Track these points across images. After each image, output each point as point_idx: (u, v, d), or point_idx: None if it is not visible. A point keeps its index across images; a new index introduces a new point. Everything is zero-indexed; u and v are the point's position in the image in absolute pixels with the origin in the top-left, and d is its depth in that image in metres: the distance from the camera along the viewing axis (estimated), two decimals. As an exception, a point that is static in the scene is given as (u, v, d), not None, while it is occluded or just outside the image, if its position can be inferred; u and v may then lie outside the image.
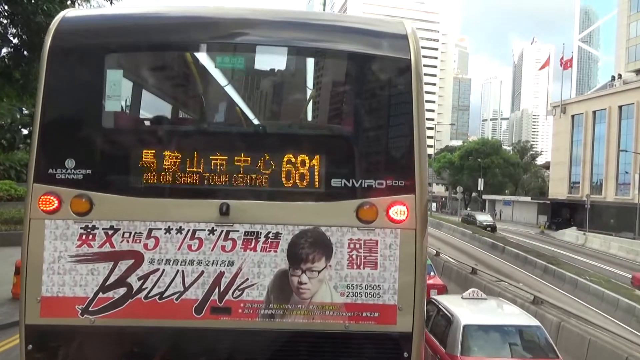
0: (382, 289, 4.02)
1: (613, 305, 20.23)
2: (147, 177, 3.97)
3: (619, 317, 18.87)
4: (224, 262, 3.97)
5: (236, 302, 3.96)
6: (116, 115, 4.26)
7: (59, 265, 3.92)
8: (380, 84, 4.20)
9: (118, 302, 3.92)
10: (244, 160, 4.00)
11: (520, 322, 8.73)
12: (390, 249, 4.04)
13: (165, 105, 4.89)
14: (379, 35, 4.33)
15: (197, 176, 3.98)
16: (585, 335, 10.48)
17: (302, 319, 3.97)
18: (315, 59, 4.61)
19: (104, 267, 3.92)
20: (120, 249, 3.93)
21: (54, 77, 4.03)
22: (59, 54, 4.05)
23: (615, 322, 16.66)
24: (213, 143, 4.15)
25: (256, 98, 4.97)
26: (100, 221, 3.94)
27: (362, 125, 4.19)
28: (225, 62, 4.40)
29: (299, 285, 3.98)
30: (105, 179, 3.97)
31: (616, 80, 63.55)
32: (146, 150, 3.99)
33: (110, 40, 4.21)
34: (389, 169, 4.11)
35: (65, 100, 4.05)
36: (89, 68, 4.06)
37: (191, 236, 3.95)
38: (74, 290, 3.92)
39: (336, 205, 4.03)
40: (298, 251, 3.99)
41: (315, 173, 4.00)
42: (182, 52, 4.43)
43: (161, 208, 3.97)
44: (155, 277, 3.94)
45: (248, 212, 3.98)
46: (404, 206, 4.04)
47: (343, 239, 4.01)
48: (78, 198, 3.92)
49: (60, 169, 3.93)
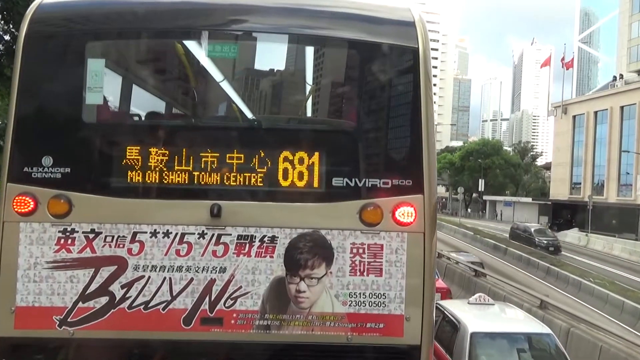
0: (387, 297, 3.83)
1: (618, 308, 20.27)
2: (132, 176, 3.76)
3: (624, 320, 18.87)
4: (215, 269, 3.77)
5: (228, 312, 3.76)
6: (98, 108, 4.02)
7: (35, 272, 3.73)
8: (385, 74, 3.99)
9: (99, 313, 3.73)
10: (237, 157, 3.80)
11: (529, 330, 8.64)
12: (397, 254, 3.84)
13: (152, 98, 4.64)
14: (384, 22, 4.09)
15: (186, 175, 3.77)
16: (596, 342, 10.26)
17: (301, 331, 3.79)
18: (315, 47, 4.39)
19: (84, 274, 3.73)
20: (102, 254, 3.75)
21: (30, 68, 3.81)
22: (35, 43, 3.82)
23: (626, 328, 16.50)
24: (204, 139, 3.94)
25: (251, 90, 4.71)
26: (80, 224, 3.74)
27: (365, 120, 3.99)
28: (217, 50, 4.15)
29: (297, 294, 3.78)
30: (86, 178, 3.78)
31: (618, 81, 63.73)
32: (131, 147, 3.77)
33: (91, 26, 3.99)
34: (395, 167, 3.92)
35: (42, 92, 3.84)
36: (68, 57, 3.86)
37: (179, 240, 3.76)
38: (51, 299, 3.72)
39: (337, 207, 3.83)
40: (296, 256, 3.79)
41: (314, 171, 3.80)
42: (171, 40, 4.19)
43: (147, 210, 3.78)
44: (140, 285, 3.74)
45: (241, 214, 3.78)
46: (412, 207, 3.83)
47: (345, 243, 3.81)
48: (56, 199, 3.72)
49: (37, 167, 3.73)
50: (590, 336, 10.75)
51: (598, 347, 10.19)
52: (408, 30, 3.94)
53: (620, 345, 10.06)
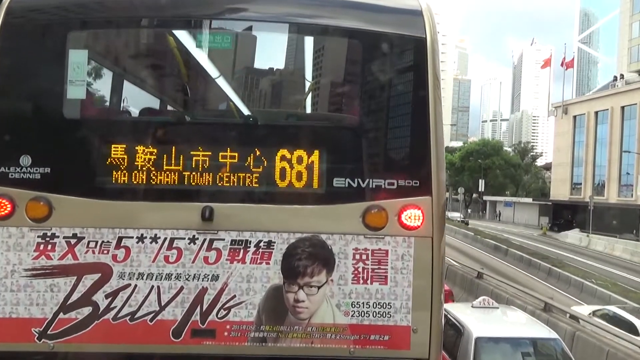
0: (393, 307, 3.62)
1: None
2: (117, 176, 3.55)
3: None
4: (207, 277, 3.56)
5: (221, 324, 3.56)
6: (81, 103, 3.79)
7: (12, 280, 3.51)
8: (391, 67, 3.78)
9: (82, 324, 3.52)
10: (230, 156, 3.58)
11: (535, 334, 8.52)
12: (403, 260, 3.63)
13: (139, 93, 4.43)
14: (389, 10, 3.89)
15: (176, 175, 3.55)
16: (603, 347, 10.03)
17: (299, 343, 3.58)
18: (315, 37, 4.18)
19: (66, 283, 3.52)
20: (85, 261, 3.53)
21: (7, 60, 3.60)
22: (12, 32, 3.59)
23: None
24: (195, 136, 3.72)
25: (247, 84, 4.49)
26: (61, 228, 3.53)
27: (369, 115, 3.77)
28: (211, 41, 3.94)
29: (295, 304, 3.58)
30: (67, 178, 3.57)
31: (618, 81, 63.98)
32: (116, 145, 3.56)
33: (73, 15, 3.76)
34: (401, 166, 3.71)
35: (19, 86, 3.62)
36: (48, 48, 3.63)
37: (168, 246, 3.55)
38: (29, 310, 3.51)
39: (339, 209, 3.62)
40: (294, 263, 3.58)
41: (314, 171, 3.59)
42: (160, 30, 4.00)
43: (133, 213, 3.57)
44: (125, 295, 3.53)
45: (235, 217, 3.57)
46: (419, 210, 3.62)
47: (347, 248, 3.60)
48: (35, 201, 3.51)
49: (14, 167, 3.52)
50: (597, 340, 10.56)
51: (605, 351, 9.99)
52: (415, 20, 3.73)
53: (628, 350, 9.86)
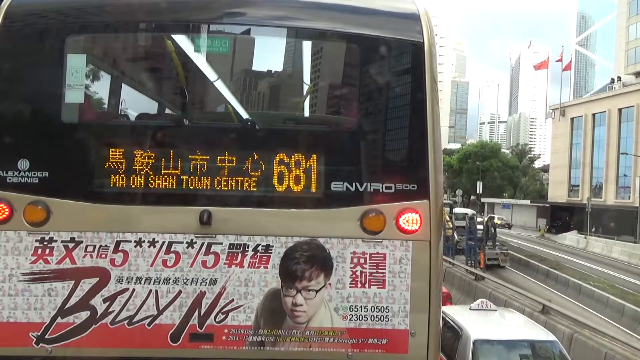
0: (391, 311, 3.61)
1: (618, 312, 20.21)
2: (115, 180, 3.54)
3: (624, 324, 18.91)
4: (205, 281, 3.55)
5: (219, 328, 3.55)
6: (79, 108, 3.77)
7: (9, 285, 3.50)
8: (388, 71, 3.78)
9: (80, 328, 3.51)
10: (228, 160, 3.57)
11: (534, 337, 8.50)
12: (401, 264, 3.62)
13: (137, 97, 4.40)
14: (387, 14, 3.89)
15: (174, 179, 3.54)
16: (600, 349, 10.05)
17: (297, 347, 3.57)
18: (313, 42, 4.17)
19: (63, 287, 3.51)
20: (83, 265, 3.52)
21: (5, 64, 3.60)
22: (10, 36, 3.60)
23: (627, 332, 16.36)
24: (193, 140, 3.70)
25: (245, 88, 4.48)
26: (59, 232, 3.52)
27: (367, 119, 3.76)
28: (209, 45, 3.93)
29: (293, 307, 3.57)
30: (65, 182, 3.56)
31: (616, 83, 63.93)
32: (114, 149, 3.55)
33: (72, 19, 3.76)
34: (399, 170, 3.70)
35: (18, 90, 3.62)
36: (46, 52, 3.63)
37: (166, 250, 3.54)
38: (27, 314, 3.50)
39: (337, 213, 3.62)
40: (292, 267, 3.57)
41: (312, 175, 3.58)
42: (159, 34, 3.98)
43: (131, 217, 3.56)
44: (123, 299, 3.52)
45: (233, 221, 3.56)
46: (417, 214, 3.62)
47: (345, 252, 3.60)
48: (33, 205, 3.49)
49: (12, 171, 3.51)
50: (595, 342, 10.57)
51: (602, 353, 10.03)
52: (413, 24, 3.74)
53: (625, 352, 9.87)
